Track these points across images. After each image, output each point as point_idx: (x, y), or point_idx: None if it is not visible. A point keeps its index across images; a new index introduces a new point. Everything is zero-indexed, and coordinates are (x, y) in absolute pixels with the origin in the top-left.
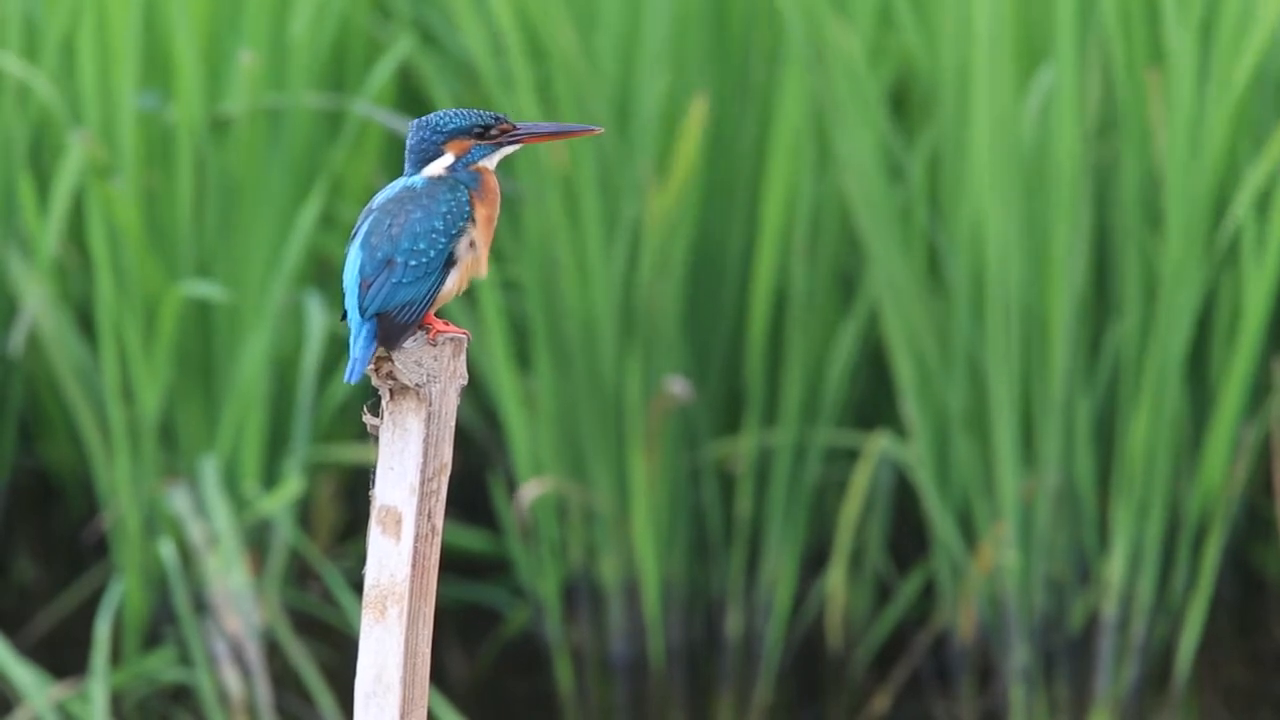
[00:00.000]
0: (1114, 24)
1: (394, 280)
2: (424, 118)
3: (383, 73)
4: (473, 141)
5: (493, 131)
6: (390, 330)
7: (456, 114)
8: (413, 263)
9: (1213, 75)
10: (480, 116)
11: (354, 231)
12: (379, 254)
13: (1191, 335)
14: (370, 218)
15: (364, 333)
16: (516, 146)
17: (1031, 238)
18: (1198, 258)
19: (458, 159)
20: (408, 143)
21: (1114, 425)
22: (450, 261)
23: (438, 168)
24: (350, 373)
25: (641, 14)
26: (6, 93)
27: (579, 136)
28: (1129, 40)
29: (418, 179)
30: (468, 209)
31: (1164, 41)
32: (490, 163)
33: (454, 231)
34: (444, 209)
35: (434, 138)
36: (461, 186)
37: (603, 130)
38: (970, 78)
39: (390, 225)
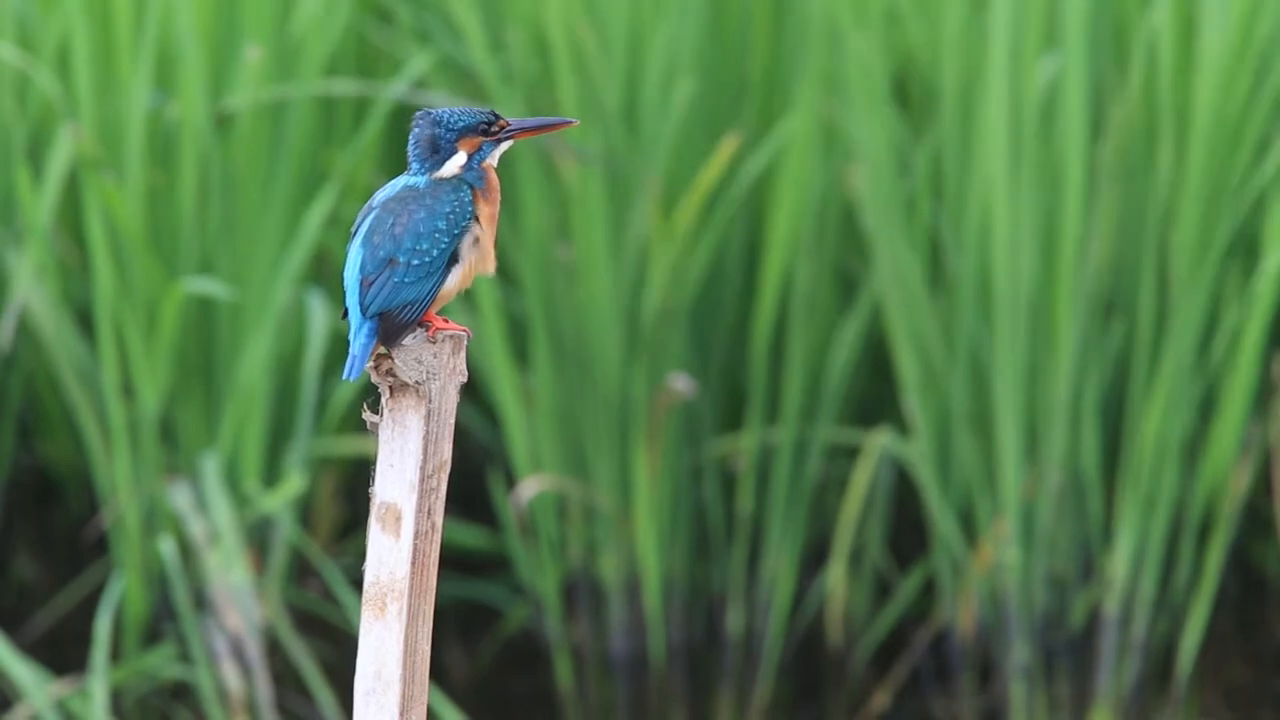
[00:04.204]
0: (1165, 21)
1: (396, 279)
2: (430, 112)
3: (398, 86)
4: (481, 139)
5: (493, 128)
6: (391, 328)
7: (462, 111)
8: (415, 262)
9: (1240, 72)
10: (482, 114)
11: (354, 229)
12: (381, 252)
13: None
14: (371, 215)
15: (364, 330)
16: (512, 141)
17: (1042, 231)
18: (1215, 255)
19: (470, 157)
20: (413, 136)
21: (1119, 421)
22: (453, 260)
23: (453, 167)
24: (349, 370)
25: (651, 20)
26: (4, 86)
27: (559, 129)
28: (1172, 38)
29: (422, 179)
30: (470, 208)
31: (1198, 39)
32: (494, 159)
33: (457, 231)
34: (447, 209)
35: (447, 135)
36: (465, 185)
37: (578, 122)
38: (978, 71)
39: (393, 224)
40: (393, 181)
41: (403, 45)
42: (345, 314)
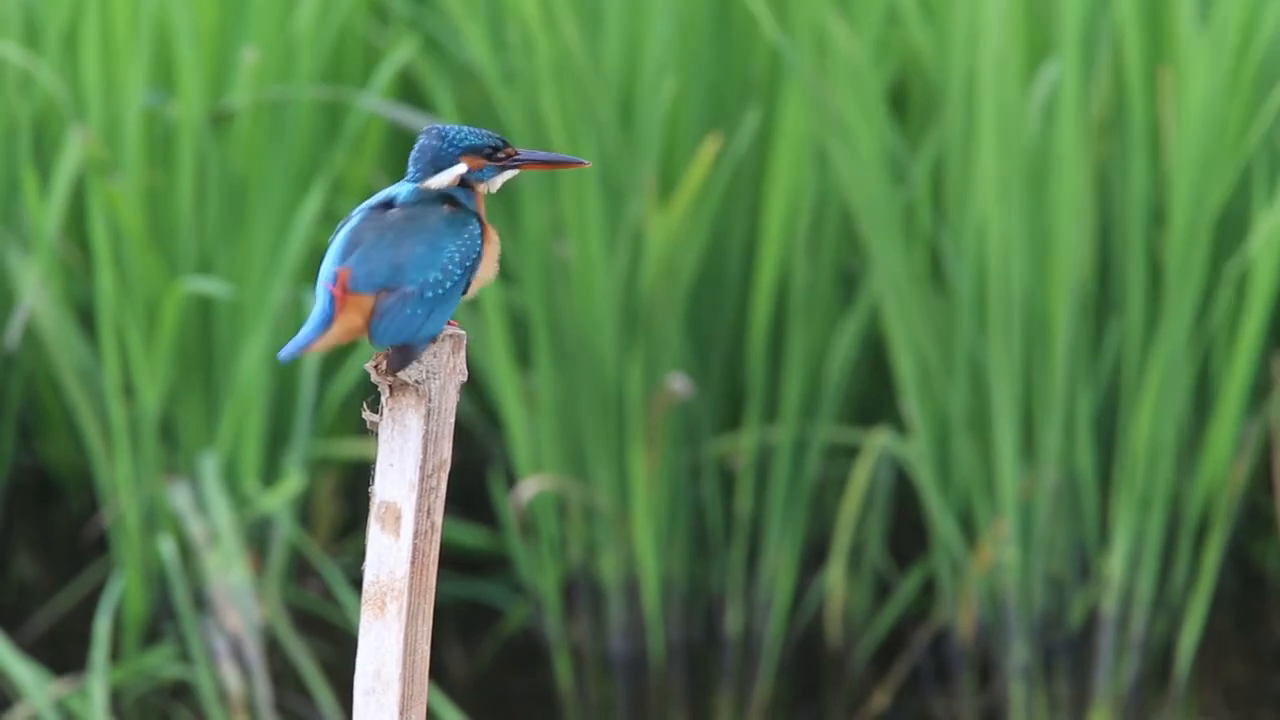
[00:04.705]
0: (1128, 18)
1: (411, 312)
2: (439, 126)
3: (384, 75)
4: (484, 160)
5: (500, 155)
6: (406, 357)
7: (471, 131)
8: (429, 295)
9: (1222, 70)
10: (491, 137)
11: (341, 226)
12: (391, 280)
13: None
14: (370, 230)
15: (319, 317)
16: (516, 171)
17: (1035, 234)
18: (1204, 252)
19: (470, 171)
20: (417, 147)
21: (1115, 421)
22: (465, 290)
23: (448, 177)
24: (289, 350)
25: (645, 16)
26: (8, 85)
27: (569, 168)
28: (1142, 35)
29: (410, 187)
30: (479, 244)
31: (1175, 36)
32: (494, 185)
33: (468, 264)
34: (459, 244)
35: (449, 149)
36: (473, 219)
37: (590, 164)
38: (980, 74)
39: (401, 251)
40: (388, 192)
41: (400, 42)
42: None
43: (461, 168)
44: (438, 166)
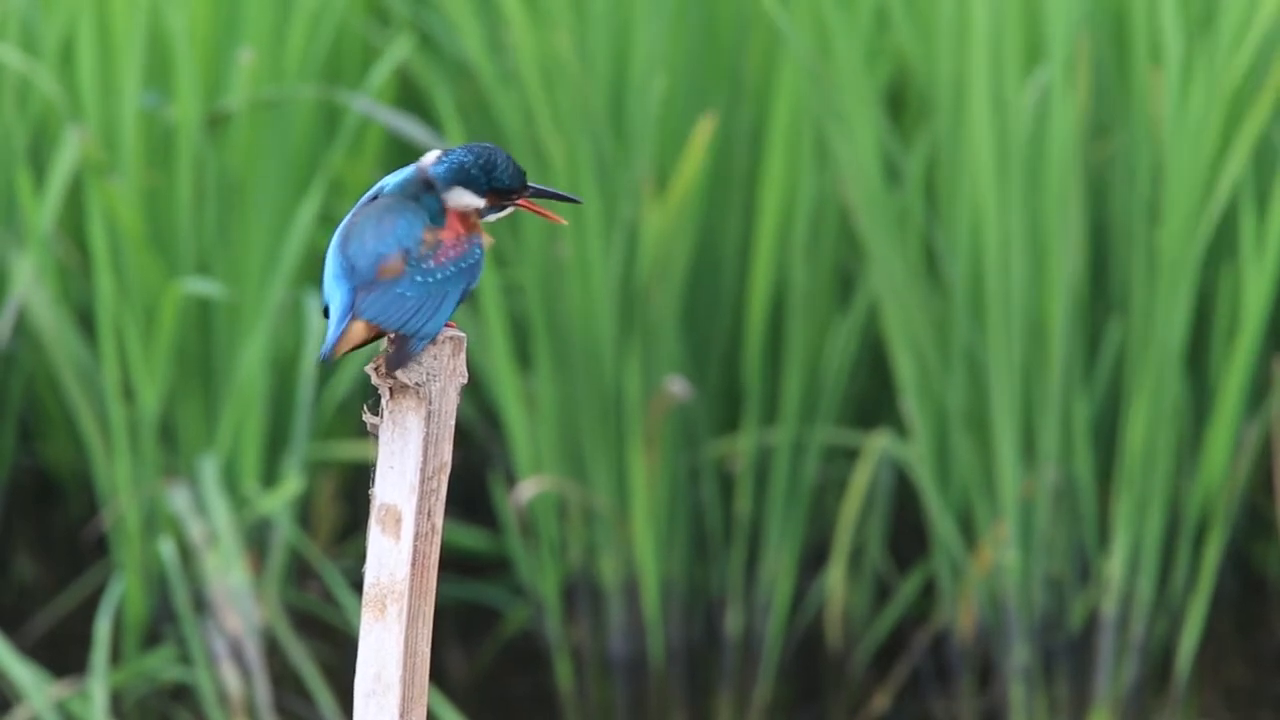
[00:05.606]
0: (1111, 17)
1: (401, 291)
2: (490, 152)
3: (381, 73)
4: (499, 200)
5: (514, 197)
6: (403, 356)
7: (509, 171)
8: (418, 278)
9: (1210, 69)
10: (518, 178)
11: (346, 229)
12: (387, 279)
13: (1192, 332)
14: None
15: (340, 310)
16: (511, 210)
17: (1030, 234)
18: (1195, 252)
19: (487, 208)
20: (461, 155)
21: (1114, 423)
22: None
23: (470, 202)
24: (325, 350)
25: (634, 14)
26: (6, 88)
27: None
28: (1127, 34)
29: (401, 181)
30: (481, 252)
31: (1160, 36)
32: (490, 218)
33: (465, 265)
34: (469, 265)
35: (483, 179)
36: (478, 243)
37: (584, 202)
38: (968, 76)
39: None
40: (398, 184)
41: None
42: (325, 311)
43: (482, 204)
44: (467, 184)
